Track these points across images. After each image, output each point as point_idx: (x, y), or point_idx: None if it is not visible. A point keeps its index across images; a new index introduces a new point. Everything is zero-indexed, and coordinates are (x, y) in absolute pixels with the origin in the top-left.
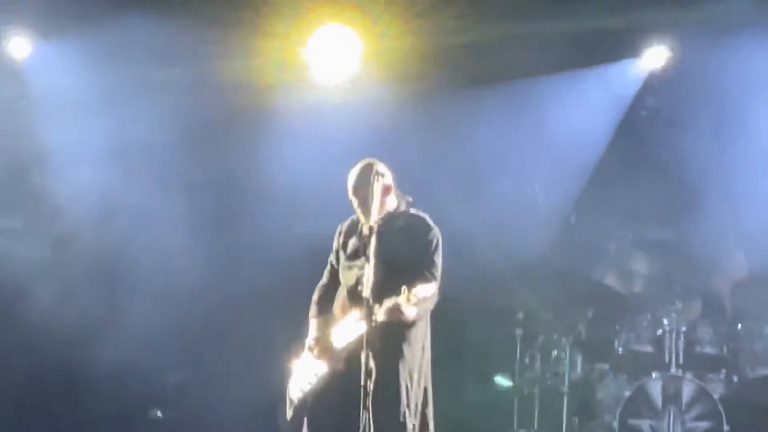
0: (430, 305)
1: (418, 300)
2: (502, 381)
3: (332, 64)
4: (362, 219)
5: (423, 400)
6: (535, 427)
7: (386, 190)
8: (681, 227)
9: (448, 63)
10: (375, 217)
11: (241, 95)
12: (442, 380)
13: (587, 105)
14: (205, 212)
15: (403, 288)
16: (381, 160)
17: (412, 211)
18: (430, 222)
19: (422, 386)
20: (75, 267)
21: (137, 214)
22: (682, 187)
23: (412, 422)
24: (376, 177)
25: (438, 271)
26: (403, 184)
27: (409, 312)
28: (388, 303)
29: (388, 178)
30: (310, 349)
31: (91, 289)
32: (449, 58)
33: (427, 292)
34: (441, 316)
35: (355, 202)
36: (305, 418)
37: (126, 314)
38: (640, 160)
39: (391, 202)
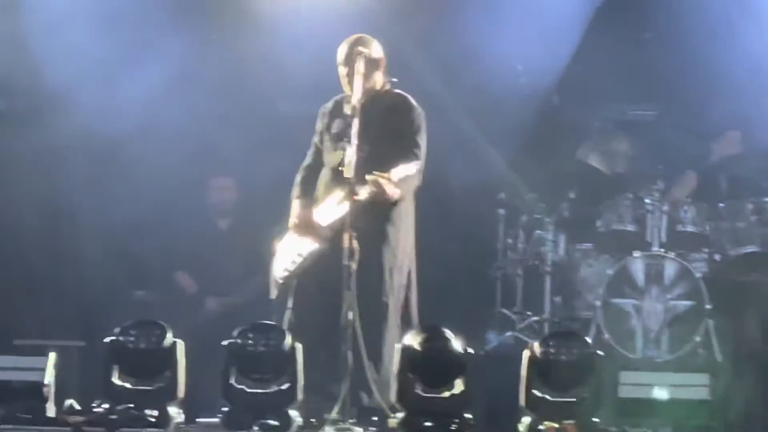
0: (414, 185)
1: (401, 179)
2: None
3: None
4: (348, 91)
5: (406, 281)
6: (518, 307)
7: (374, 65)
8: (664, 107)
9: None
10: (361, 92)
11: None
12: (426, 261)
13: None
14: (189, 85)
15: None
16: None
17: (397, 91)
18: (414, 102)
19: (405, 267)
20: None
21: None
22: (666, 66)
23: (394, 303)
24: (363, 50)
25: (421, 151)
26: (388, 64)
27: (392, 191)
28: (371, 182)
29: (378, 54)
30: (294, 229)
31: (75, 171)
32: None
33: (410, 171)
34: (424, 197)
35: (342, 72)
36: (290, 297)
37: (112, 198)
38: (623, 40)
39: (378, 79)
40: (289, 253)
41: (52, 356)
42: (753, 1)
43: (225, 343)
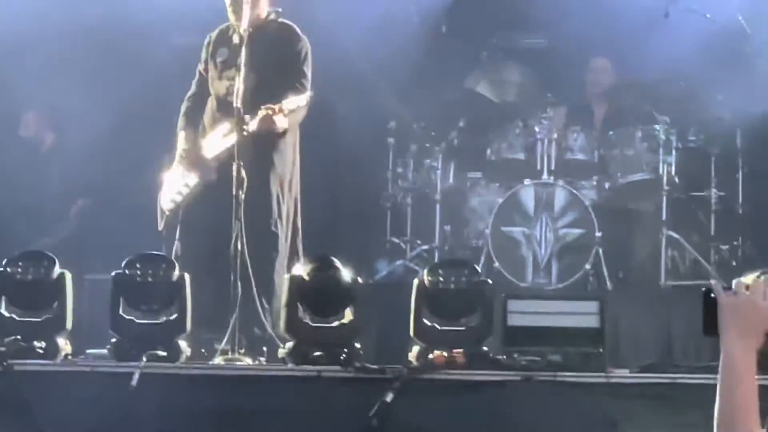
0: (301, 115)
1: (291, 111)
2: None
3: None
4: (232, 19)
5: (294, 210)
6: (408, 236)
7: None
8: (552, 35)
9: None
10: (246, 20)
11: None
12: (314, 190)
13: None
14: (75, 29)
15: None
16: None
17: (282, 20)
18: (300, 32)
19: (293, 196)
20: None
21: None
22: None
23: (283, 232)
24: None
25: (308, 82)
26: None
27: (281, 122)
28: (260, 113)
29: None
30: (180, 161)
31: None
32: None
33: (299, 102)
34: (312, 125)
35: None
36: (177, 228)
37: None
38: None
39: (264, 8)
40: (176, 184)
41: None
42: None
43: (113, 274)
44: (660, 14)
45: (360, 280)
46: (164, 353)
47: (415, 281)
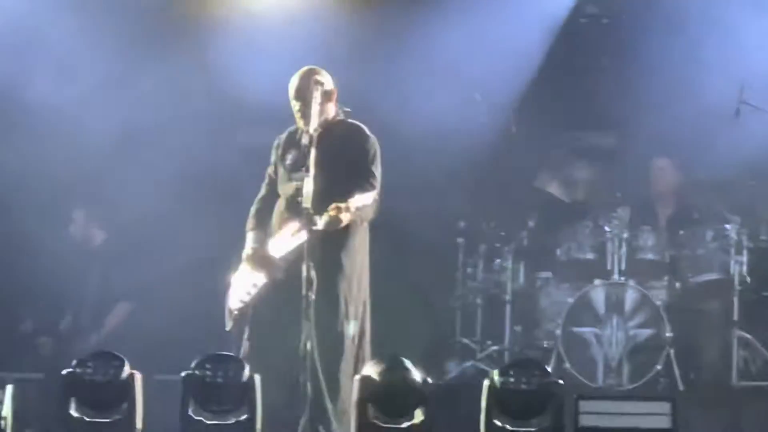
0: (370, 214)
1: (358, 209)
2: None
3: None
4: (301, 125)
5: (362, 311)
6: (478, 337)
7: (327, 96)
8: (622, 133)
9: None
10: (314, 124)
11: (179, 6)
12: (384, 290)
13: (526, 14)
14: (146, 119)
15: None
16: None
17: (351, 120)
18: (368, 131)
19: (361, 296)
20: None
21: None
22: (623, 93)
23: (351, 332)
24: (317, 82)
25: (377, 181)
26: (342, 94)
27: (347, 219)
28: (328, 212)
29: (329, 85)
30: (248, 261)
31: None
32: None
33: (365, 200)
34: (382, 226)
35: (296, 107)
36: (246, 329)
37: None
38: (580, 67)
39: (331, 110)
40: (244, 284)
41: (9, 389)
42: (708, 34)
43: (182, 374)
44: (729, 113)
45: (430, 380)
46: None
47: (486, 382)
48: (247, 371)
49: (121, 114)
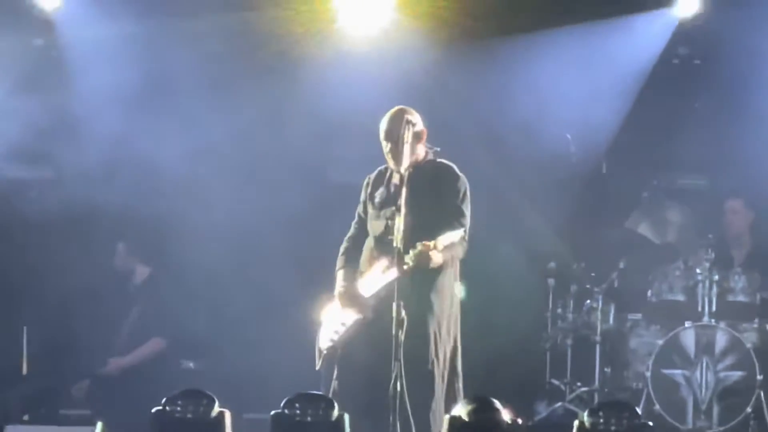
0: (459, 253)
1: (446, 247)
2: None
3: (363, 12)
4: (392, 165)
5: (452, 350)
6: (568, 378)
7: (417, 137)
8: (714, 175)
9: (480, 11)
10: (405, 165)
11: (270, 45)
12: (474, 330)
13: (617, 54)
14: (235, 161)
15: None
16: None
17: (440, 160)
18: (458, 171)
19: (451, 336)
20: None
21: (164, 165)
22: (715, 134)
23: (440, 372)
24: (408, 123)
25: (466, 220)
26: (432, 133)
27: (436, 257)
28: (416, 248)
29: (419, 126)
30: (338, 299)
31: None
32: (481, 7)
33: (454, 238)
34: (471, 265)
35: (386, 148)
36: (335, 367)
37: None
38: (672, 109)
39: (421, 150)
40: (334, 323)
41: (100, 426)
42: None
43: (272, 413)
44: None
45: (520, 421)
46: None
47: (576, 423)
48: (336, 411)
49: (209, 151)
